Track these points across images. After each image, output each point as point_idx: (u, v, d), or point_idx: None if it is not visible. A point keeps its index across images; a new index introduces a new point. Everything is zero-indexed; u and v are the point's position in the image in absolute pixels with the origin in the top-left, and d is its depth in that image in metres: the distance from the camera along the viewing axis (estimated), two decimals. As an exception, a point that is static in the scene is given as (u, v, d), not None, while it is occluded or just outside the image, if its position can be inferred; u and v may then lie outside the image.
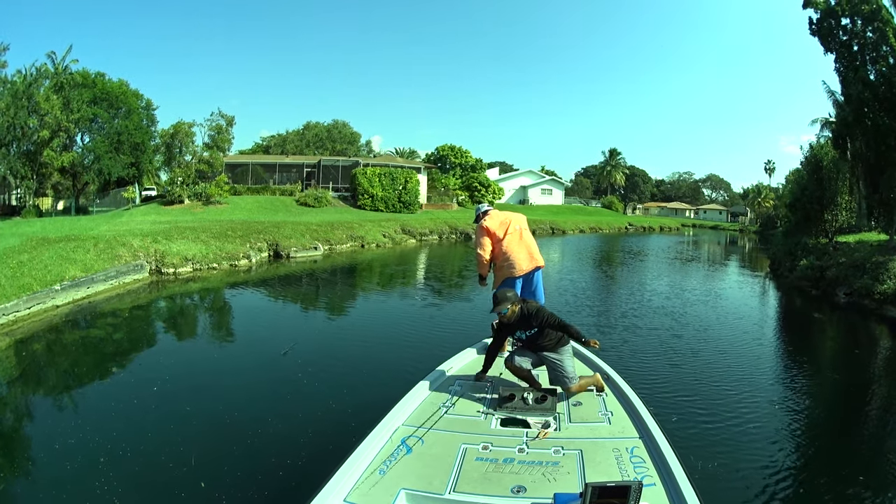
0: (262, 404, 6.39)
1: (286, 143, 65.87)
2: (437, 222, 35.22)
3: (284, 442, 5.27)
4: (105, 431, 5.46)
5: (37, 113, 31.30)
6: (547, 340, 4.50)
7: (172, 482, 4.51)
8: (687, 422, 5.92)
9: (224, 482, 4.54)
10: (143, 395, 6.55)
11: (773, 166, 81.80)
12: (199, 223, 22.84)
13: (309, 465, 4.75)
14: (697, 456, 4.90)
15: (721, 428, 5.88)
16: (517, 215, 5.99)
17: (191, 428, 5.68)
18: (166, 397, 6.52)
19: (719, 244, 46.21)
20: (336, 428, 5.48)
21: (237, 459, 4.95)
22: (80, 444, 5.16)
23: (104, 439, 5.26)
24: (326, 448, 4.97)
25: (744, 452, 5.33)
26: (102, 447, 5.08)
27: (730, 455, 5.21)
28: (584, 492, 2.46)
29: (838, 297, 15.17)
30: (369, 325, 11.01)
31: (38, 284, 11.19)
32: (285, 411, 6.10)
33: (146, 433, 5.47)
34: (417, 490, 2.93)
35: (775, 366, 9.11)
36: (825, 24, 18.57)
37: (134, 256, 15.28)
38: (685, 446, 4.68)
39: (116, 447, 5.08)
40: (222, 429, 5.62)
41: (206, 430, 5.65)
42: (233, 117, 36.25)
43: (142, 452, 5.04)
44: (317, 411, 6.08)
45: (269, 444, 5.24)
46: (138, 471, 4.72)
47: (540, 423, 3.77)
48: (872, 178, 18.66)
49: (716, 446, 5.37)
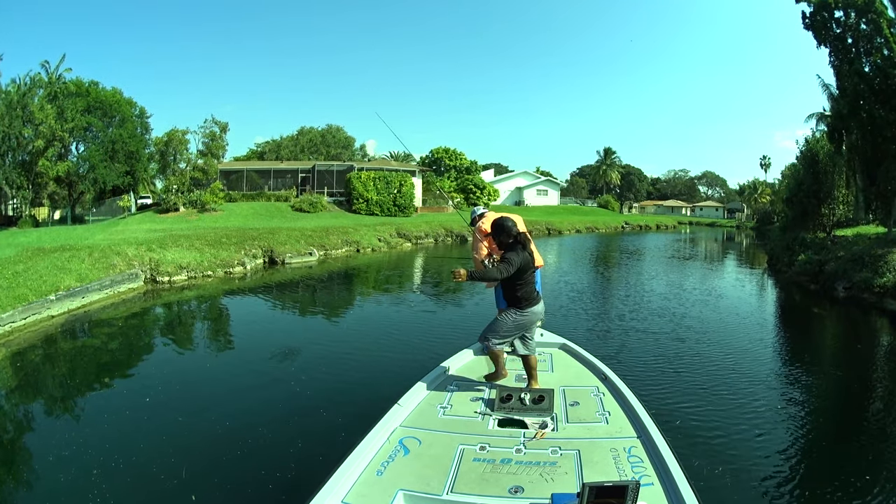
0: (259, 408, 6.35)
1: (281, 149, 65.74)
2: (433, 225, 35.11)
3: (283, 444, 5.26)
4: (102, 440, 5.45)
5: (31, 122, 31.31)
6: None
7: (172, 483, 4.50)
8: (684, 421, 5.90)
9: (223, 485, 4.55)
10: (137, 401, 6.53)
11: (768, 162, 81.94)
12: (194, 231, 22.75)
13: (307, 466, 4.73)
14: (695, 455, 4.90)
15: (719, 427, 5.86)
16: (515, 216, 5.90)
17: (188, 433, 5.67)
18: (162, 403, 6.52)
19: (716, 241, 46.24)
20: (333, 429, 5.49)
21: (236, 462, 4.93)
22: (75, 455, 5.11)
23: (99, 449, 5.23)
24: (324, 449, 4.95)
25: (742, 451, 5.30)
26: (98, 457, 5.04)
27: (727, 454, 5.19)
28: (581, 492, 2.47)
29: (838, 292, 15.10)
30: (366, 329, 10.95)
31: (34, 295, 11.15)
32: (283, 414, 6.07)
33: (143, 434, 5.50)
34: (415, 491, 2.93)
35: (775, 363, 9.05)
36: (818, 18, 18.56)
37: (129, 265, 15.17)
38: (683, 445, 4.67)
39: (111, 455, 5.04)
40: (220, 433, 5.59)
41: (205, 434, 5.62)
42: (227, 124, 36.13)
43: (140, 452, 5.05)
44: (314, 413, 6.05)
45: (268, 446, 5.23)
46: (135, 472, 4.73)
47: (537, 424, 3.77)
48: (869, 170, 18.63)
49: (714, 445, 5.35)
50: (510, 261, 4.31)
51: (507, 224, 4.56)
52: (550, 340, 5.91)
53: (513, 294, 4.50)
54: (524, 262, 4.39)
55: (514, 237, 4.51)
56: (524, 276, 4.45)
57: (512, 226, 4.55)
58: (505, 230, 4.54)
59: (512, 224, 4.57)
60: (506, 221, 4.58)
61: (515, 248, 4.45)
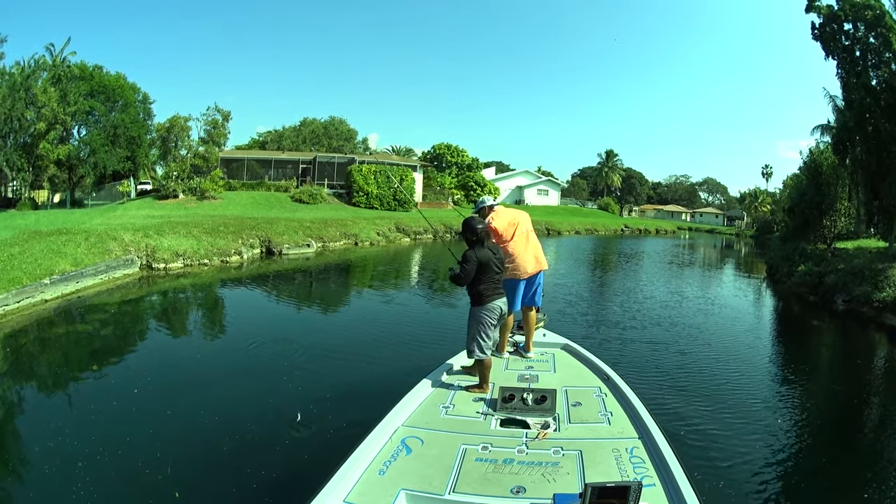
0: (260, 405, 6.27)
1: (282, 139, 65.57)
2: (432, 221, 34.96)
3: (284, 443, 5.22)
4: (89, 433, 5.34)
5: (34, 105, 31.08)
6: None
7: (171, 484, 4.42)
8: (686, 422, 5.91)
9: (224, 483, 4.52)
10: (127, 393, 6.40)
11: (770, 171, 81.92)
12: (192, 218, 22.63)
13: (309, 465, 4.70)
14: (697, 456, 4.91)
15: (720, 429, 5.88)
16: (523, 215, 5.84)
17: (188, 429, 5.57)
18: (153, 395, 6.41)
19: (715, 248, 46.24)
20: (335, 428, 5.46)
21: (236, 460, 4.87)
22: (61, 445, 5.02)
23: (86, 442, 5.11)
24: (326, 448, 4.93)
25: (743, 453, 5.32)
26: (84, 450, 4.93)
27: (729, 455, 5.21)
28: (583, 492, 2.46)
29: (837, 304, 15.03)
30: (365, 326, 10.79)
31: (28, 278, 11.07)
32: (284, 412, 5.98)
33: (134, 428, 5.39)
34: (417, 490, 2.92)
35: (775, 369, 9.15)
36: (827, 30, 18.42)
37: (125, 251, 15.07)
38: (684, 447, 4.67)
39: (98, 449, 4.94)
40: (220, 431, 5.51)
41: (204, 431, 5.53)
42: (229, 112, 35.97)
43: (130, 448, 4.97)
44: (316, 412, 6.00)
45: (269, 444, 5.18)
46: (125, 468, 4.64)
47: (539, 424, 3.76)
48: (873, 184, 18.52)
49: (715, 447, 5.36)
50: (467, 258, 4.52)
51: (472, 223, 4.68)
52: (553, 341, 5.89)
53: (474, 289, 4.61)
54: (483, 258, 4.54)
55: (477, 234, 4.63)
56: (486, 272, 4.58)
57: (476, 224, 4.68)
58: (470, 228, 4.67)
59: (476, 223, 4.70)
60: (472, 221, 4.71)
61: (475, 245, 4.61)
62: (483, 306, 4.58)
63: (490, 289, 4.60)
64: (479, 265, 4.52)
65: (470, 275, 4.50)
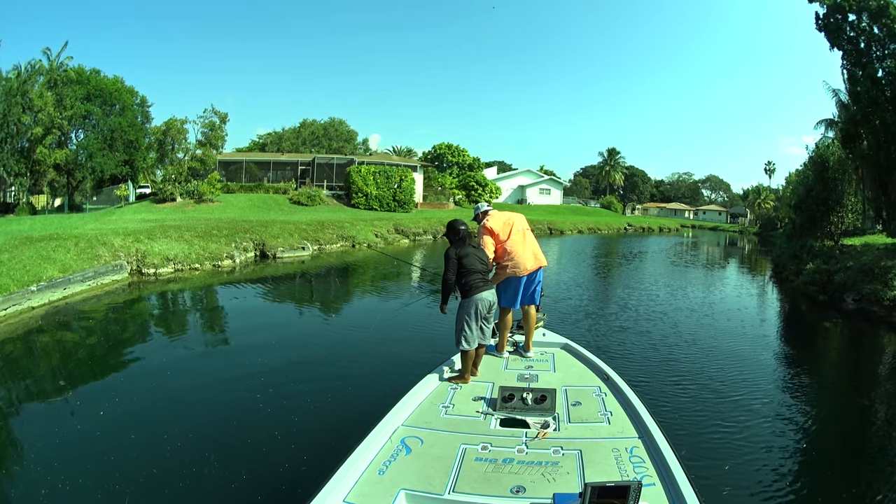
0: (259, 406, 6.22)
1: (282, 141, 65.46)
2: (432, 221, 34.70)
3: (283, 443, 5.23)
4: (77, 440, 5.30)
5: (30, 109, 30.99)
6: None
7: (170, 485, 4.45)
8: (686, 422, 5.95)
9: (223, 484, 4.53)
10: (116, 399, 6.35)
11: (773, 167, 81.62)
12: (186, 222, 22.35)
13: (308, 465, 4.74)
14: (697, 456, 4.94)
15: (721, 428, 5.90)
16: (518, 215, 5.92)
17: (186, 430, 5.56)
18: (146, 401, 6.39)
19: (718, 245, 45.89)
20: (335, 428, 5.49)
21: (235, 461, 4.88)
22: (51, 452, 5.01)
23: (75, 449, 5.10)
24: (326, 448, 4.93)
25: (743, 453, 5.33)
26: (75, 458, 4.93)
27: (729, 455, 5.24)
28: (583, 492, 2.47)
29: (847, 303, 14.61)
30: (364, 327, 10.61)
31: (16, 285, 10.88)
32: (283, 413, 5.98)
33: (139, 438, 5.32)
34: (417, 490, 2.93)
35: (780, 370, 8.94)
36: (832, 20, 18.04)
37: (114, 256, 14.76)
38: (684, 446, 4.67)
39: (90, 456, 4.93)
40: (218, 432, 5.54)
41: (202, 434, 5.54)
42: (226, 114, 35.87)
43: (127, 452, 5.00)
44: (315, 412, 6.06)
45: (268, 445, 5.19)
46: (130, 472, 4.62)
47: (539, 424, 3.76)
48: (881, 179, 18.08)
49: (715, 447, 5.39)
50: (447, 257, 4.84)
51: (456, 225, 5.06)
52: (552, 340, 5.90)
53: (459, 283, 4.87)
54: (463, 254, 4.85)
55: (458, 234, 4.99)
56: (469, 266, 4.84)
57: (459, 226, 5.05)
58: (453, 230, 5.05)
59: (459, 224, 5.07)
60: (455, 223, 5.08)
61: (456, 244, 4.94)
62: (468, 298, 4.79)
63: (473, 281, 4.81)
64: (461, 260, 4.81)
65: (450, 270, 4.79)
